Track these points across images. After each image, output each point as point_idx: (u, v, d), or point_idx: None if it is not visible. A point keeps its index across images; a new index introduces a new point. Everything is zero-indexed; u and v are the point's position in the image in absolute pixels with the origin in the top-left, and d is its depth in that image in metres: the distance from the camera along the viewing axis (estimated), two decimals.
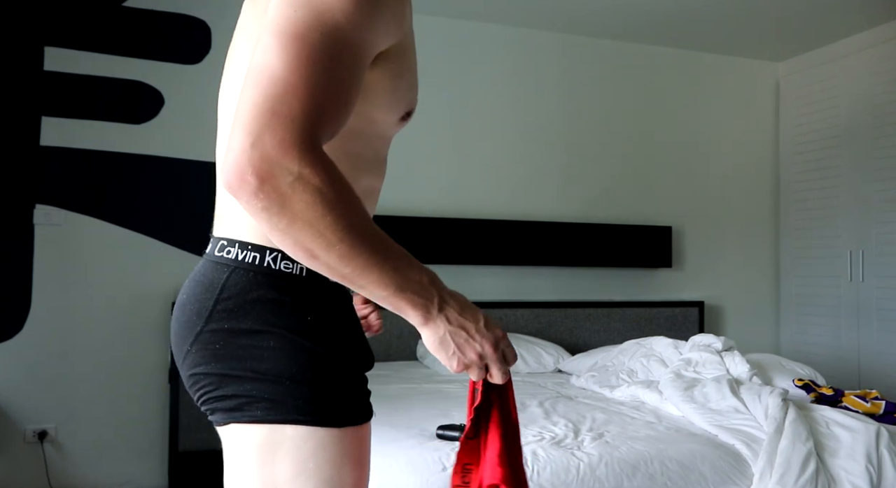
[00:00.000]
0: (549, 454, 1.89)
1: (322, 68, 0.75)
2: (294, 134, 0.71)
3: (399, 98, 0.93)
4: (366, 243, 0.76)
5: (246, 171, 0.70)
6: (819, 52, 4.32)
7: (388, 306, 0.82)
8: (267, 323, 0.87)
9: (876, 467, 1.96)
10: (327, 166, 0.73)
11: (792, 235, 4.49)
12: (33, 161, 3.25)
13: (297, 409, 0.86)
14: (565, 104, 4.16)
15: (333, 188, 0.72)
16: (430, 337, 0.84)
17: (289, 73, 0.73)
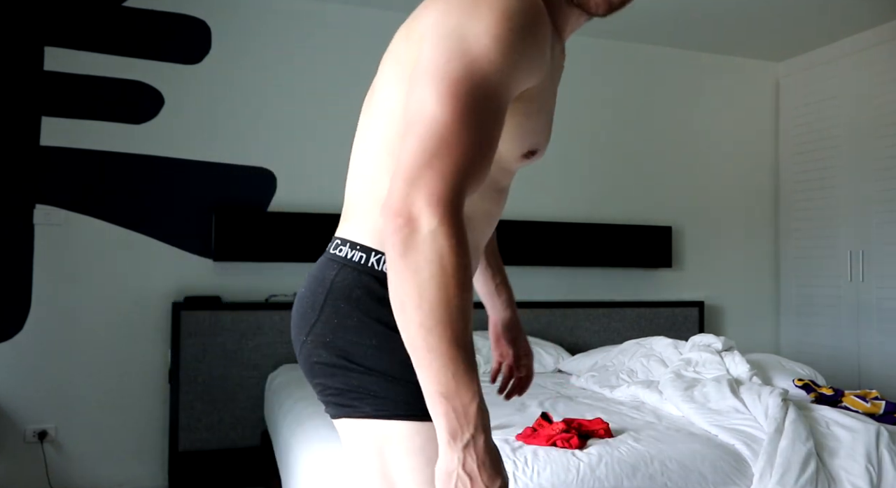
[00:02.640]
0: (549, 454, 1.89)
1: (474, 123, 0.80)
2: (442, 190, 0.78)
3: (525, 136, 0.96)
4: (449, 330, 0.77)
5: (398, 213, 0.78)
6: (819, 52, 4.32)
7: (427, 400, 0.80)
8: (369, 319, 0.94)
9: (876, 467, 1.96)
10: (460, 231, 0.78)
11: (792, 235, 4.49)
12: (33, 161, 3.25)
13: (403, 405, 0.92)
14: (565, 104, 4.15)
15: (456, 257, 0.77)
16: (443, 462, 0.80)
17: (444, 129, 0.79)
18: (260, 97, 3.58)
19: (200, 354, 3.27)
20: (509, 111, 0.91)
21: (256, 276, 3.51)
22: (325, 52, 3.67)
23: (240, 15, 3.57)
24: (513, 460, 1.85)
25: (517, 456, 1.87)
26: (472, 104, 0.80)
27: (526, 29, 0.84)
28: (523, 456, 1.87)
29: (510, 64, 0.83)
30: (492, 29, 0.82)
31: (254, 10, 3.57)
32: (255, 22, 3.56)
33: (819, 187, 4.30)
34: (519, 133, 0.95)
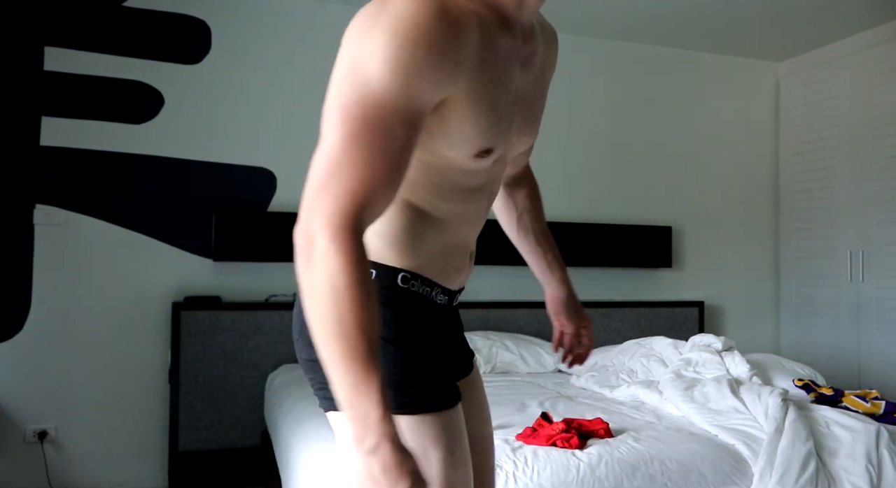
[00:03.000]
0: (549, 454, 1.89)
1: (365, 144, 0.85)
2: (334, 211, 0.84)
3: (468, 139, 0.98)
4: (343, 344, 0.82)
5: (301, 232, 0.85)
6: (819, 52, 4.33)
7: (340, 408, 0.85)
8: None
9: (876, 467, 1.96)
10: (351, 252, 0.83)
11: (792, 235, 4.49)
12: (33, 161, 3.25)
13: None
14: (565, 104, 4.15)
15: (344, 277, 0.82)
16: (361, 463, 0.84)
17: (336, 153, 0.85)
18: (260, 97, 3.58)
19: (200, 354, 3.27)
20: (439, 120, 0.95)
21: (256, 276, 3.51)
22: (325, 52, 3.66)
23: (240, 15, 3.57)
24: (513, 460, 1.85)
25: (517, 456, 1.87)
26: (362, 127, 0.85)
27: (422, 42, 0.85)
28: (523, 456, 1.87)
29: (404, 81, 0.85)
30: (380, 50, 0.85)
31: (254, 10, 3.57)
32: (255, 22, 3.56)
33: (819, 187, 4.30)
34: (459, 137, 0.97)
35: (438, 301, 1.11)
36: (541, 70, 1.13)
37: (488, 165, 1.05)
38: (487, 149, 1.00)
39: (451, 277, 1.12)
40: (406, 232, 1.05)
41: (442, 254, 1.09)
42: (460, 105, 0.94)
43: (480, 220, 1.14)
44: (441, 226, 1.06)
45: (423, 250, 1.06)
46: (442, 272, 1.10)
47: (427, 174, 1.02)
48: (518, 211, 1.40)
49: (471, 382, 1.25)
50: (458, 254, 1.12)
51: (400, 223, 1.04)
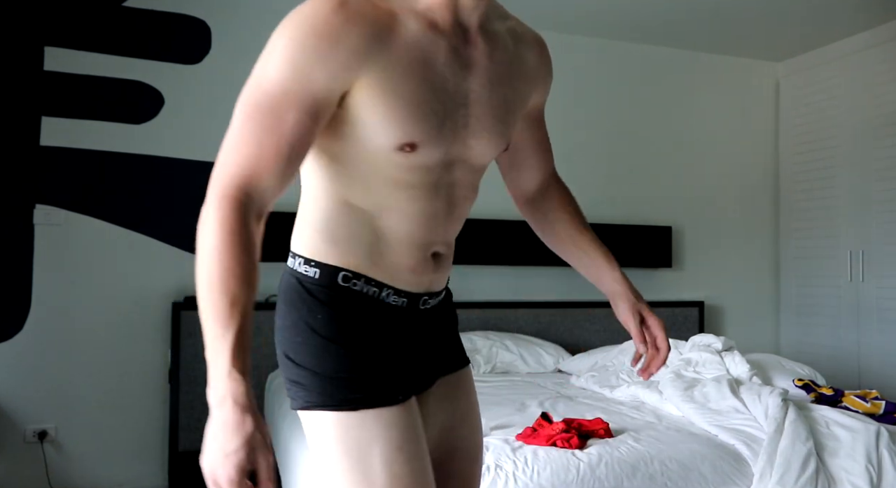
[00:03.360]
0: (549, 454, 1.89)
1: (255, 123, 0.95)
2: (219, 182, 0.94)
3: (380, 130, 1.00)
4: (207, 300, 0.90)
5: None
6: (819, 52, 4.32)
7: None
8: (296, 318, 1.08)
9: (876, 467, 1.96)
10: (226, 217, 0.92)
11: (792, 235, 4.49)
12: (33, 161, 3.25)
13: (320, 396, 1.04)
14: (564, 104, 4.15)
15: (215, 237, 0.91)
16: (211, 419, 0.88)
17: (231, 132, 0.97)
18: None
19: (200, 354, 3.25)
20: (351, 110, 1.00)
21: None
22: None
23: (240, 15, 3.57)
24: (513, 460, 1.85)
25: (517, 456, 1.87)
26: (255, 109, 0.95)
27: (312, 32, 0.94)
28: (523, 456, 1.88)
29: (292, 67, 0.94)
30: (278, 41, 0.96)
31: (254, 10, 3.57)
32: (255, 22, 3.56)
33: (819, 187, 4.30)
34: (372, 128, 1.00)
35: (392, 302, 1.11)
36: (508, 76, 1.12)
37: (428, 162, 1.05)
38: (409, 143, 1.01)
39: (403, 278, 1.11)
40: (343, 227, 1.07)
41: (385, 254, 1.09)
42: (368, 97, 0.98)
43: (438, 222, 1.12)
44: (380, 222, 1.08)
45: (360, 247, 1.08)
46: (390, 272, 1.10)
47: (360, 168, 1.05)
48: (549, 223, 1.37)
49: (456, 388, 1.24)
50: (407, 253, 1.10)
51: (337, 219, 1.08)
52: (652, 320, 1.34)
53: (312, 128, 0.97)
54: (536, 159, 1.33)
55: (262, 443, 0.87)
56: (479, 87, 1.07)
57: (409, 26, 1.00)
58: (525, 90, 1.18)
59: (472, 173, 1.15)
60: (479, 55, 1.07)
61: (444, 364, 1.23)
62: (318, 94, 0.95)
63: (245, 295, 0.91)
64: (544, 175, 1.36)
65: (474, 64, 1.07)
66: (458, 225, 1.17)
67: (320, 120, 0.98)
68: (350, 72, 0.96)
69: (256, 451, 0.87)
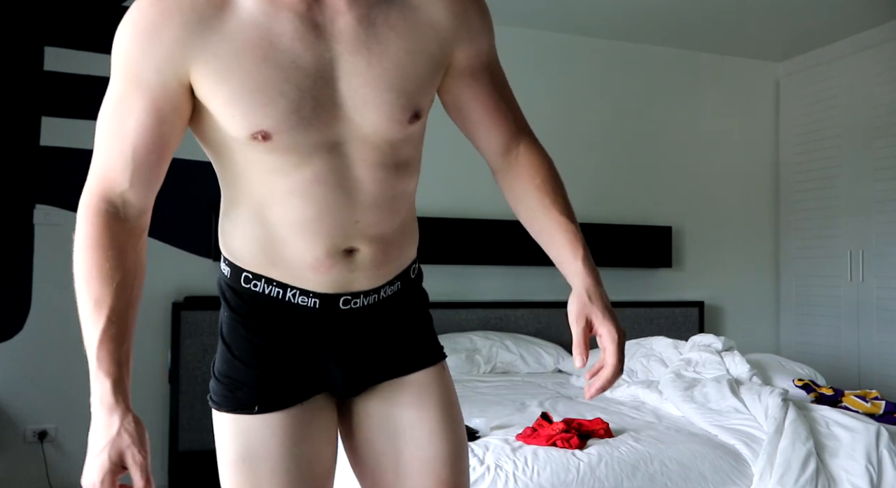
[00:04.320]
0: (549, 454, 1.89)
1: (103, 130, 0.97)
2: (84, 191, 0.98)
3: (229, 121, 0.96)
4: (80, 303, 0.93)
5: None
6: (819, 52, 4.32)
7: None
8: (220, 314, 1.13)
9: (876, 467, 1.96)
10: (81, 222, 0.96)
11: (792, 235, 4.49)
12: (33, 161, 3.25)
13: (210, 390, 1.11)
14: (565, 104, 4.16)
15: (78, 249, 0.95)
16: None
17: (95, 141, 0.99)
18: None
19: (200, 354, 3.27)
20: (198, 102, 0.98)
21: None
22: None
23: None
24: (513, 460, 1.85)
25: (517, 456, 1.87)
26: (102, 115, 0.97)
27: (131, 30, 0.94)
28: (523, 456, 1.87)
29: (124, 67, 0.95)
30: (113, 54, 0.98)
31: None
32: None
33: (819, 187, 4.30)
34: (222, 118, 0.97)
35: (301, 303, 1.04)
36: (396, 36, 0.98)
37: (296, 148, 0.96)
38: (260, 132, 0.94)
39: (306, 277, 1.03)
40: (238, 225, 1.06)
41: (278, 250, 1.03)
42: (206, 87, 0.95)
43: (339, 211, 1.00)
44: (268, 216, 1.02)
45: (255, 245, 1.05)
46: (291, 272, 1.03)
47: (235, 161, 1.02)
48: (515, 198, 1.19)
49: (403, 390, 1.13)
50: (305, 249, 1.01)
51: (233, 217, 1.07)
52: (603, 329, 1.07)
53: (158, 128, 0.96)
54: (489, 119, 1.13)
55: (131, 443, 0.88)
56: (349, 56, 0.95)
57: (243, 5, 0.93)
58: (431, 48, 1.02)
59: (377, 152, 1.00)
60: (342, 21, 0.95)
61: (391, 365, 1.12)
62: (152, 92, 0.95)
63: (110, 295, 0.92)
64: (505, 137, 1.16)
65: (336, 32, 0.95)
66: (379, 213, 1.03)
67: (166, 118, 0.96)
68: (175, 62, 0.93)
69: (124, 451, 0.87)
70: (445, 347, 1.29)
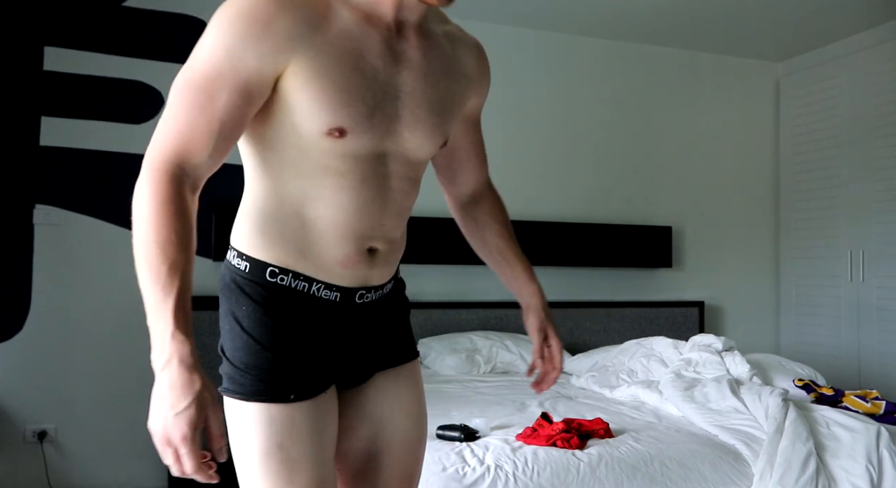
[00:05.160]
0: (549, 454, 1.89)
1: (187, 101, 0.98)
2: (152, 155, 0.99)
3: (308, 114, 1.03)
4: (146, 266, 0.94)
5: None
6: (819, 52, 4.33)
7: None
8: (225, 308, 1.12)
9: (876, 467, 1.96)
10: (158, 187, 0.95)
11: (792, 235, 4.49)
12: (33, 161, 3.25)
13: (227, 381, 1.09)
14: (565, 104, 4.16)
15: (149, 207, 0.94)
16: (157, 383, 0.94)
17: (166, 109, 1.00)
18: None
19: (200, 354, 3.24)
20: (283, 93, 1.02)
21: None
22: None
23: None
24: (513, 460, 1.85)
25: (517, 456, 1.87)
26: (188, 87, 0.98)
27: (244, 16, 0.97)
28: (523, 456, 1.87)
29: (225, 49, 0.97)
30: (211, 30, 0.99)
31: None
32: None
33: (819, 187, 4.30)
34: (303, 112, 1.03)
35: (324, 297, 1.12)
36: (444, 74, 1.16)
37: (357, 150, 1.07)
38: (338, 128, 1.03)
39: (333, 272, 1.12)
40: (273, 218, 1.09)
41: (312, 245, 1.10)
42: (299, 80, 1.01)
43: (371, 214, 1.11)
44: (307, 211, 1.09)
45: (289, 239, 1.09)
46: (320, 266, 1.11)
47: (290, 155, 1.07)
48: (479, 230, 1.43)
49: (396, 381, 1.25)
50: (337, 246, 1.10)
51: (267, 210, 1.10)
52: (554, 341, 1.39)
53: (244, 109, 1.00)
54: (473, 163, 1.40)
55: (211, 401, 0.92)
56: (412, 81, 1.10)
57: (343, 16, 1.03)
58: (462, 91, 1.22)
59: (409, 167, 1.16)
60: (412, 51, 1.11)
61: (385, 357, 1.24)
62: (249, 75, 0.98)
63: (183, 260, 0.94)
64: (479, 180, 1.42)
65: (407, 59, 1.10)
66: (397, 220, 1.17)
67: (252, 102, 1.01)
68: (281, 55, 0.99)
69: (206, 408, 0.91)
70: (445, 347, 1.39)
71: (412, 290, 1.44)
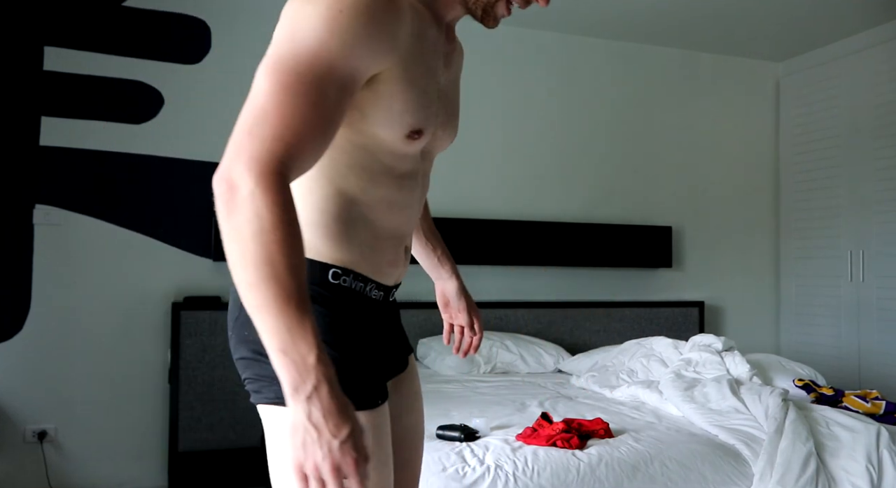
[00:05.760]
0: (549, 454, 1.89)
1: (296, 94, 0.86)
2: (260, 155, 0.82)
3: (399, 117, 1.00)
4: (276, 285, 0.79)
5: (222, 177, 0.82)
6: (819, 52, 4.32)
7: (271, 358, 0.82)
8: None
9: (876, 467, 1.96)
10: (280, 192, 0.81)
11: (792, 235, 4.49)
12: (33, 161, 3.25)
13: None
14: (565, 104, 4.16)
15: (275, 215, 0.80)
16: (292, 415, 0.81)
17: (265, 100, 0.85)
18: None
19: (200, 354, 3.27)
20: (371, 96, 0.98)
21: None
22: None
23: (240, 15, 3.57)
24: (513, 460, 1.85)
25: (517, 456, 1.87)
26: (296, 79, 0.86)
27: (361, 13, 0.90)
28: (523, 456, 1.87)
29: (341, 42, 0.88)
30: (322, 12, 0.89)
31: (254, 10, 3.57)
32: (255, 22, 3.56)
33: (819, 187, 4.30)
34: (390, 114, 1.00)
35: (373, 296, 1.11)
36: (456, 73, 1.21)
37: (417, 151, 1.09)
38: (418, 129, 1.03)
39: (384, 272, 1.12)
40: (338, 220, 1.04)
41: (373, 247, 1.09)
42: (394, 81, 0.98)
43: (412, 214, 1.14)
44: (372, 214, 1.07)
45: (354, 241, 1.06)
46: (374, 266, 1.10)
47: (357, 156, 1.03)
48: None
49: (401, 379, 1.26)
50: (390, 246, 1.11)
51: (331, 212, 1.04)
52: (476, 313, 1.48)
53: (346, 108, 0.92)
54: None
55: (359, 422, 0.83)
56: (447, 82, 1.14)
57: (423, 16, 1.04)
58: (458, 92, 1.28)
59: (429, 163, 1.19)
60: (451, 51, 1.15)
61: (401, 355, 1.26)
62: (358, 74, 0.92)
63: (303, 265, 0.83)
64: None
65: (448, 59, 1.14)
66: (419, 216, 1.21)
67: (351, 100, 0.94)
68: (387, 56, 0.95)
69: (363, 434, 0.82)
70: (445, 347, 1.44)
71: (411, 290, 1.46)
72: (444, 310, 1.48)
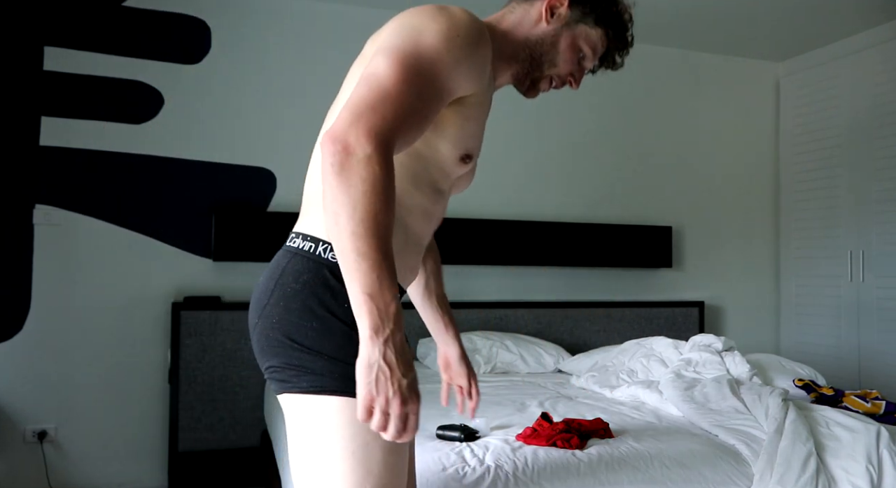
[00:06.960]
0: (549, 454, 1.89)
1: (414, 89, 0.98)
2: (380, 128, 0.94)
3: (463, 140, 1.13)
4: (376, 239, 0.90)
5: (338, 138, 0.92)
6: (819, 52, 4.32)
7: (352, 301, 0.92)
8: (313, 303, 1.05)
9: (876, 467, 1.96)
10: (390, 163, 0.93)
11: (792, 235, 4.49)
12: (33, 161, 3.25)
13: (338, 382, 1.03)
14: (565, 104, 4.15)
15: (385, 181, 0.91)
16: (364, 354, 0.91)
17: (391, 84, 0.97)
18: (260, 97, 3.58)
19: (200, 354, 3.27)
20: (452, 115, 1.10)
21: (256, 276, 3.49)
22: (324, 51, 3.67)
23: (240, 15, 3.57)
24: (513, 460, 1.85)
25: (517, 456, 1.87)
26: (415, 74, 0.99)
27: (471, 42, 1.05)
28: (523, 456, 1.87)
29: (453, 60, 1.03)
30: (445, 30, 1.03)
31: (254, 10, 3.57)
32: (255, 22, 3.56)
33: (819, 187, 4.30)
34: (458, 136, 1.12)
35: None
36: None
37: (459, 175, 1.21)
38: (469, 153, 1.15)
39: (405, 275, 1.19)
40: None
41: (402, 250, 1.14)
42: (471, 107, 1.11)
43: (434, 227, 1.25)
44: (408, 218, 1.15)
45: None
46: (402, 269, 1.16)
47: (412, 162, 1.12)
48: (426, 275, 1.51)
49: None
50: (414, 253, 1.20)
51: None
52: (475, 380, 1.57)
53: (437, 114, 1.06)
54: None
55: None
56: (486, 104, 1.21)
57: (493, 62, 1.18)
58: None
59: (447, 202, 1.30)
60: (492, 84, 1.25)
61: None
62: (451, 92, 1.05)
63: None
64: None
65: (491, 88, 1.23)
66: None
67: (440, 112, 1.06)
68: (475, 82, 1.09)
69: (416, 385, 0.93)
70: None
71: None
72: (444, 371, 1.57)
